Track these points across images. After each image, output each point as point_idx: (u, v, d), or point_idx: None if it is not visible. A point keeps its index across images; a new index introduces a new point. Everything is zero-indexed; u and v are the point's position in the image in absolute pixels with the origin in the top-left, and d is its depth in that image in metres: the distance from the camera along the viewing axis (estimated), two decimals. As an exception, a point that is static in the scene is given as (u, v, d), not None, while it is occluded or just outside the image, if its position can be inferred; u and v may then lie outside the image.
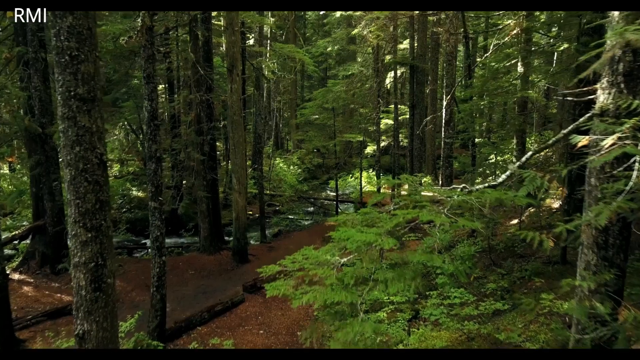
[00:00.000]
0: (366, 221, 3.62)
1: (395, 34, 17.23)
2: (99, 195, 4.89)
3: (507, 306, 6.48)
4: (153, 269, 7.20)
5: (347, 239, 3.25)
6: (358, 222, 3.70)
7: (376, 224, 3.31)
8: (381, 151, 18.03)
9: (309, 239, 15.16)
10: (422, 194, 3.66)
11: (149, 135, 6.84)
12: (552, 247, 7.76)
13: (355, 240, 2.94)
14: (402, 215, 2.88)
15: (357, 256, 3.09)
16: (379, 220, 3.22)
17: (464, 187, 3.28)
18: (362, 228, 3.22)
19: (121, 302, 9.49)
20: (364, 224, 3.66)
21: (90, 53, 4.70)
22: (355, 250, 3.07)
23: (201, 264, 11.72)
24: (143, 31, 6.49)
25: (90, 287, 4.98)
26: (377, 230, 3.02)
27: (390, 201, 4.21)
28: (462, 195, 3.05)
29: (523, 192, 2.99)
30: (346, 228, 3.66)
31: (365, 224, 3.65)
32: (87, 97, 4.70)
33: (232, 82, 11.52)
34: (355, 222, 3.75)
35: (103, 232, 5.00)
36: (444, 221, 2.64)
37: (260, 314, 9.21)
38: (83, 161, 4.76)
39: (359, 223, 3.69)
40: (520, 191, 3.01)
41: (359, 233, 3.04)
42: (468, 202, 2.87)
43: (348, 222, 3.82)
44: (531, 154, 3.44)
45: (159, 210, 7.04)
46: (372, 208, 3.77)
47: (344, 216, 4.01)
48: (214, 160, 12.64)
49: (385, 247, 2.76)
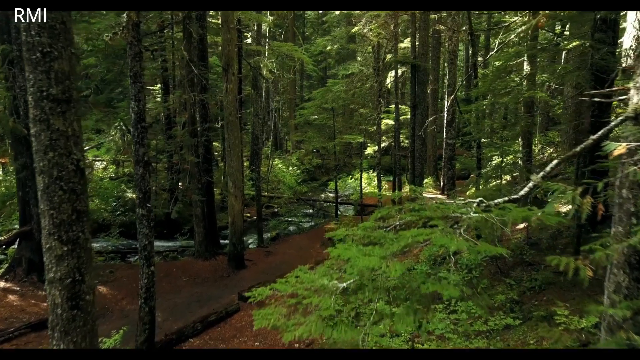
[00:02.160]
0: (368, 238, 3.21)
1: (396, 32, 16.81)
2: (76, 204, 4.48)
3: (519, 321, 6.07)
4: (141, 279, 6.79)
5: (346, 260, 2.85)
6: (359, 239, 3.29)
7: (380, 243, 2.90)
8: (382, 152, 17.62)
9: (308, 242, 14.75)
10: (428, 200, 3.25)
11: (136, 138, 6.43)
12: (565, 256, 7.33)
13: (356, 265, 2.53)
14: (410, 237, 2.47)
15: (358, 281, 2.68)
16: (384, 240, 2.81)
17: (481, 201, 2.87)
18: (364, 248, 2.81)
19: (110, 311, 9.08)
20: (366, 241, 3.25)
21: (64, 49, 4.29)
22: (357, 274, 2.67)
23: (196, 270, 11.30)
24: (129, 27, 6.07)
25: (67, 305, 4.57)
26: (381, 252, 2.61)
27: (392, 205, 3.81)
28: (480, 212, 2.64)
29: (551, 208, 2.58)
30: (345, 245, 3.26)
31: (367, 241, 3.24)
32: (62, 98, 4.29)
33: (227, 82, 11.10)
34: (356, 238, 3.33)
35: (80, 245, 4.59)
36: (461, 247, 2.23)
37: (256, 324, 8.78)
38: (57, 168, 4.34)
39: (360, 239, 3.28)
40: (547, 207, 2.60)
41: (360, 256, 2.63)
42: (488, 220, 2.45)
43: (348, 238, 3.41)
44: (556, 163, 3.03)
45: (147, 217, 6.62)
46: (375, 222, 3.36)
47: (343, 230, 3.59)
48: (209, 163, 12.21)
49: (392, 274, 2.34)
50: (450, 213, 2.72)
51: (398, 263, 2.39)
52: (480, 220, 2.49)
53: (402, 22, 17.77)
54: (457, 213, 2.71)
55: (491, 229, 2.52)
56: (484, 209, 2.82)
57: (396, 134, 19.51)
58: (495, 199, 6.12)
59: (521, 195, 2.93)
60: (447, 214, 2.74)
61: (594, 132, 7.79)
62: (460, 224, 2.59)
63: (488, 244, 2.34)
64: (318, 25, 32.95)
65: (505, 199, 2.89)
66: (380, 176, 16.73)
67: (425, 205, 2.86)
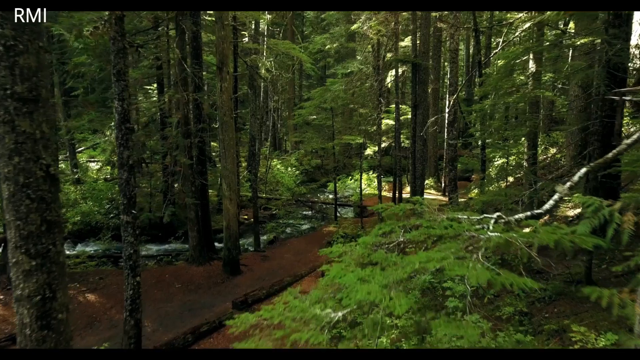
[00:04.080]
0: (368, 257, 2.80)
1: (396, 29, 16.39)
2: (46, 215, 4.06)
3: (530, 337, 5.66)
4: (126, 290, 6.38)
5: (343, 287, 2.45)
6: (357, 258, 2.88)
7: (382, 265, 2.50)
8: (382, 152, 17.20)
9: (306, 246, 14.34)
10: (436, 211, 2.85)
11: (120, 140, 6.02)
12: (575, 264, 6.90)
13: (354, 296, 2.13)
14: (418, 262, 2.06)
15: (355, 311, 2.28)
16: (386, 263, 2.40)
17: (499, 217, 2.46)
18: (363, 272, 2.40)
19: (98, 320, 8.67)
20: (365, 260, 2.84)
21: (31, 43, 3.87)
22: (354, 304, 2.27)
23: (189, 276, 10.89)
24: (112, 21, 5.66)
25: (37, 325, 4.15)
26: (382, 279, 2.21)
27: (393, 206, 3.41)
28: (500, 231, 2.23)
29: (585, 227, 2.16)
30: (342, 265, 2.85)
31: (366, 260, 2.83)
32: (28, 97, 3.87)
33: (222, 81, 10.68)
34: (354, 257, 2.93)
35: (51, 258, 4.17)
36: (482, 279, 1.82)
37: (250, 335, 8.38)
38: (24, 174, 3.93)
39: (359, 259, 2.87)
40: (581, 226, 2.18)
41: (358, 284, 2.23)
42: (511, 242, 2.04)
43: (345, 256, 3.00)
44: (585, 172, 2.62)
45: (133, 224, 6.21)
46: (377, 236, 2.95)
47: (340, 247, 3.18)
48: (203, 164, 11.79)
49: (396, 311, 1.94)
50: (463, 232, 2.31)
51: (403, 296, 1.98)
52: (500, 242, 2.08)
53: (402, 19, 17.35)
54: (471, 232, 2.30)
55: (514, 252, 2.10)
56: (504, 227, 2.41)
57: (397, 134, 19.10)
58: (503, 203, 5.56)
59: (545, 209, 2.52)
60: (460, 232, 2.34)
61: (605, 132, 7.40)
62: (477, 245, 2.18)
63: (510, 271, 1.93)
64: (317, 24, 32.54)
65: (528, 214, 2.48)
66: (381, 178, 16.32)
67: (434, 221, 2.45)
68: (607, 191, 7.26)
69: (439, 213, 2.58)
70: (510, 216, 2.58)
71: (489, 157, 13.80)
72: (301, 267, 11.85)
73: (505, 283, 1.84)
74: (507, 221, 2.41)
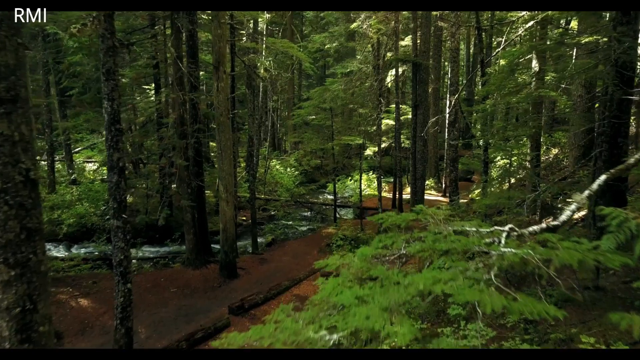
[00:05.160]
0: (367, 272, 2.57)
1: (396, 28, 16.17)
2: (25, 222, 3.84)
3: (535, 346, 5.43)
4: (116, 298, 6.15)
5: (340, 307, 2.22)
6: (355, 272, 2.65)
7: (382, 282, 2.27)
8: (382, 153, 16.98)
9: (305, 248, 14.12)
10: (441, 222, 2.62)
11: (109, 142, 5.79)
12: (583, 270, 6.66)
13: (351, 320, 1.90)
14: (422, 283, 1.83)
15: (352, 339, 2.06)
16: (386, 280, 2.17)
17: (512, 230, 2.23)
18: (361, 290, 2.17)
19: (90, 327, 8.44)
20: (364, 275, 2.61)
21: (8, 39, 3.64)
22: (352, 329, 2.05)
23: (185, 280, 10.65)
24: (100, 18, 5.43)
25: (16, 339, 3.92)
26: (383, 300, 1.98)
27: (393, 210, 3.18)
28: (514, 246, 2.00)
29: (609, 243, 1.94)
30: (339, 280, 2.62)
31: (365, 275, 2.61)
32: (6, 97, 3.64)
33: (218, 80, 10.46)
34: (352, 271, 2.70)
35: (32, 268, 3.95)
36: (497, 305, 1.59)
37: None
38: (2, 179, 3.69)
39: (357, 273, 2.64)
40: (605, 241, 1.96)
41: (356, 303, 2.01)
42: (528, 261, 1.82)
43: (343, 269, 2.77)
44: (605, 179, 2.39)
45: (123, 229, 5.98)
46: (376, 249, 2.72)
47: (337, 258, 2.95)
48: (199, 166, 11.56)
49: (398, 341, 1.71)
50: (473, 246, 2.08)
51: (407, 322, 1.75)
52: (516, 262, 1.85)
53: (402, 18, 17.12)
54: (482, 247, 2.07)
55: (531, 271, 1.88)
56: (517, 241, 2.18)
57: (397, 134, 18.88)
58: (510, 207, 5.23)
59: (562, 221, 2.29)
60: (469, 247, 2.11)
61: (613, 133, 7.16)
62: (489, 263, 1.95)
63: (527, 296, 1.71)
64: (317, 23, 32.31)
65: (543, 226, 2.25)
66: (381, 179, 16.10)
67: (440, 234, 2.22)
68: (614, 194, 7.03)
69: (445, 224, 2.35)
70: (523, 228, 2.36)
71: (490, 157, 13.56)
72: (300, 270, 11.62)
73: (524, 311, 1.61)
74: (521, 234, 2.18)
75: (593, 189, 2.34)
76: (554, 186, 10.16)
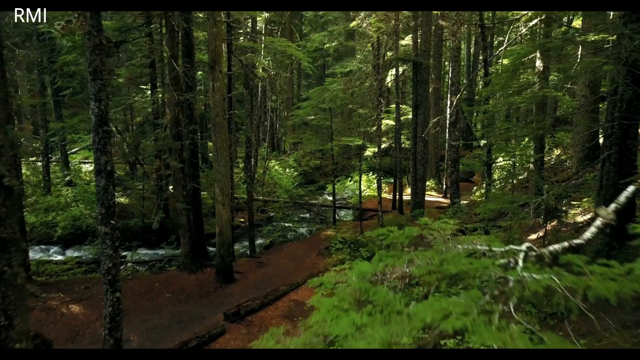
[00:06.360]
0: (366, 293, 2.32)
1: (396, 27, 15.90)
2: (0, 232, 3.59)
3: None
4: (105, 307, 5.89)
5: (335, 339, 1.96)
6: (353, 292, 2.39)
7: (382, 308, 2.02)
8: (382, 153, 16.70)
9: (304, 251, 13.85)
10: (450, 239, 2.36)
11: (97, 145, 5.52)
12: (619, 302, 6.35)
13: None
14: (430, 316, 1.57)
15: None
16: (388, 308, 1.91)
17: (530, 249, 1.97)
18: (360, 319, 1.92)
19: (81, 335, 8.18)
20: (363, 297, 2.36)
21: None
22: None
23: (180, 285, 10.39)
24: (86, 14, 5.16)
25: (-10, 357, 3.66)
26: (384, 333, 1.73)
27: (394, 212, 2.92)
28: (535, 270, 1.73)
29: (645, 268, 1.67)
30: (335, 302, 2.36)
31: (364, 297, 2.35)
32: (-24, 98, 3.40)
33: (214, 80, 10.19)
34: (349, 291, 2.44)
35: (7, 281, 3.67)
36: (521, 344, 1.33)
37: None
38: (-28, 187, 3.44)
39: (355, 294, 2.38)
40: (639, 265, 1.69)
41: (352, 337, 1.75)
42: (553, 290, 1.56)
43: (338, 290, 2.51)
44: (634, 190, 2.12)
45: (112, 236, 5.72)
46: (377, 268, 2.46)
47: (332, 276, 2.69)
48: (195, 168, 11.30)
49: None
50: (486, 271, 1.82)
51: None
52: (540, 291, 1.58)
53: (403, 17, 16.85)
54: (497, 271, 1.80)
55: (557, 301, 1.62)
56: (537, 260, 1.92)
57: (397, 134, 18.62)
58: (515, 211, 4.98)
59: (587, 239, 2.03)
60: (482, 271, 1.84)
61: (623, 135, 6.90)
62: (506, 290, 1.69)
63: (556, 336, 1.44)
64: (316, 22, 32.03)
65: (565, 245, 1.99)
66: (381, 180, 15.83)
67: (449, 254, 1.96)
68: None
69: (453, 241, 2.09)
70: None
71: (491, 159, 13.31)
72: (298, 275, 11.36)
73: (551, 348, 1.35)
74: (540, 255, 1.92)
75: (620, 201, 2.08)
76: (559, 189, 9.90)
